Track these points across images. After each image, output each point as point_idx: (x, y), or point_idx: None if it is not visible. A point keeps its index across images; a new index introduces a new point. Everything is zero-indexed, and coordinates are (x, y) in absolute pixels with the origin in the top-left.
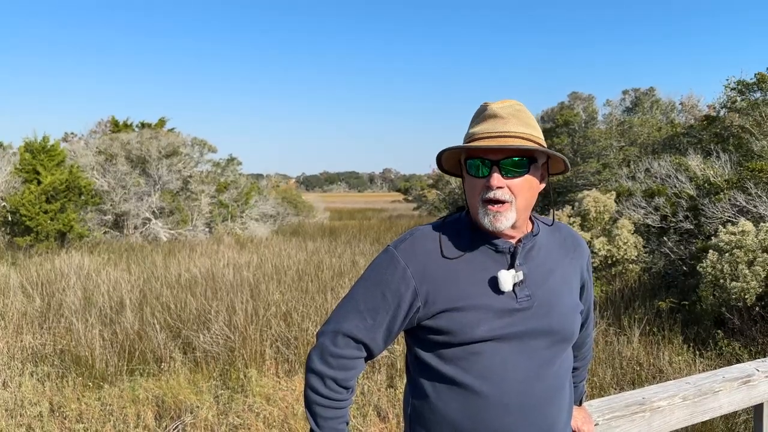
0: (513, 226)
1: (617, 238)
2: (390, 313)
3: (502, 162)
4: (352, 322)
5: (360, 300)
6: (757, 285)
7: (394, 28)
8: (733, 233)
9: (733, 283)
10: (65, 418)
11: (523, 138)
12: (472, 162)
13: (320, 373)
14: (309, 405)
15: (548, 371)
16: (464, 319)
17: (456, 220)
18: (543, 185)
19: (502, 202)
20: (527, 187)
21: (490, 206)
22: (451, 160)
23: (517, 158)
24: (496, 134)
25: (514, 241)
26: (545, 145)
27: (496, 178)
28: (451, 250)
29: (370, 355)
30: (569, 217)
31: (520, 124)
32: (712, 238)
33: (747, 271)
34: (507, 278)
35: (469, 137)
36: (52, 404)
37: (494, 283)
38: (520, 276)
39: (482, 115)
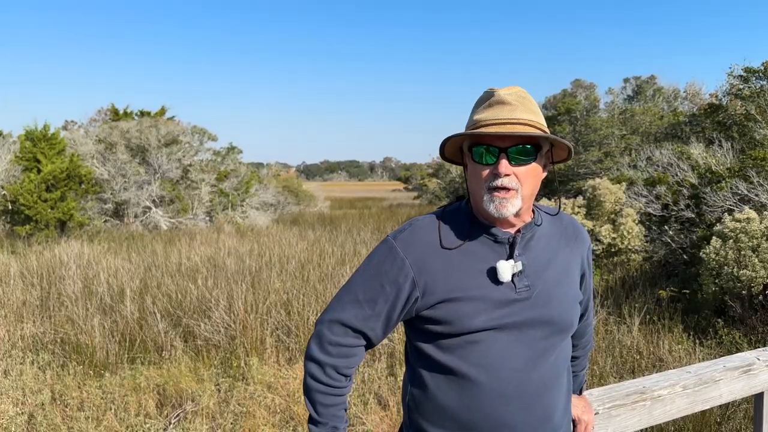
0: (516, 214)
1: (622, 227)
2: (389, 303)
3: (510, 149)
4: (351, 312)
5: (359, 290)
6: (765, 274)
7: (394, 15)
8: (739, 220)
9: (743, 271)
10: (66, 406)
11: (530, 125)
12: (477, 149)
13: (319, 362)
14: (309, 392)
15: (546, 361)
16: (462, 309)
17: (455, 210)
18: (545, 173)
19: (508, 190)
20: (533, 175)
21: (495, 193)
22: (452, 148)
23: (524, 146)
24: (504, 121)
25: (513, 231)
26: (549, 133)
27: (504, 165)
28: (450, 240)
29: (369, 344)
30: (578, 207)
31: (527, 111)
32: (717, 224)
33: (756, 260)
34: (506, 268)
35: (474, 124)
36: (54, 392)
37: (493, 274)
38: (519, 266)
39: (488, 101)
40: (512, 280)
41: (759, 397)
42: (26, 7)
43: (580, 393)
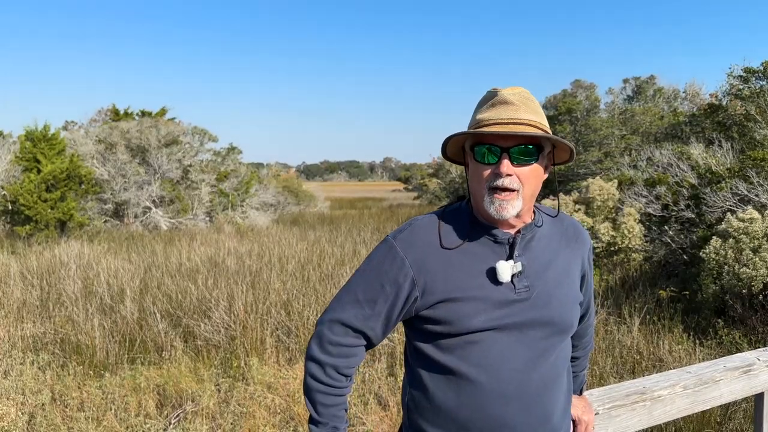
0: (517, 215)
1: (623, 226)
2: (388, 303)
3: (512, 149)
4: (351, 312)
5: (359, 290)
6: (765, 273)
7: (394, 16)
8: (743, 220)
9: (743, 269)
10: (66, 407)
11: (533, 126)
12: (479, 148)
13: (320, 361)
14: (309, 392)
15: (546, 361)
16: (462, 309)
17: (456, 210)
18: (546, 174)
19: (510, 191)
20: (534, 176)
21: (496, 194)
22: (454, 147)
23: (527, 146)
24: (508, 121)
25: (513, 232)
26: (551, 133)
27: (506, 165)
28: (450, 240)
29: (369, 344)
30: (575, 203)
31: (530, 112)
32: (722, 223)
33: (757, 258)
34: (505, 269)
35: (477, 123)
36: (54, 393)
37: (492, 274)
38: (519, 267)
39: (492, 100)
40: (512, 281)
41: (759, 397)
42: (26, 7)
43: (581, 393)
